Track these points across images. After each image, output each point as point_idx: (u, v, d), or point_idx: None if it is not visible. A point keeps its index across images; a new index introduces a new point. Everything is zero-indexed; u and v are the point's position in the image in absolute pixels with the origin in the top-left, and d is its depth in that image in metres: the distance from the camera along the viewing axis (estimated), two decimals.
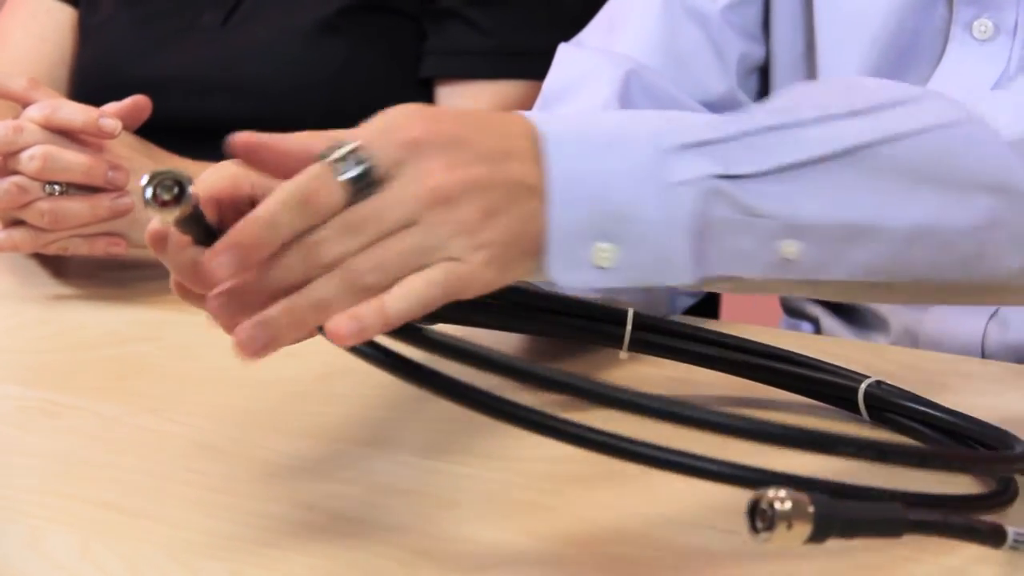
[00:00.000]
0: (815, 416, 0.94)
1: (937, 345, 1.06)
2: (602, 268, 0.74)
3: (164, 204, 0.71)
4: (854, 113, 0.78)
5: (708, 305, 1.42)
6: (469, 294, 0.72)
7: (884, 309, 1.09)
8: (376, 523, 0.79)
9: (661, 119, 0.76)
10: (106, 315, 1.12)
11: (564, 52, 1.16)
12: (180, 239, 0.76)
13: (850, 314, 1.13)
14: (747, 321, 1.14)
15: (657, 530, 0.78)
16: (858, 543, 0.67)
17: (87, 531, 0.78)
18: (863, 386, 0.91)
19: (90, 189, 1.13)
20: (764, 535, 0.63)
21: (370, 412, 0.93)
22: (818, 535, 0.64)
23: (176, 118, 1.40)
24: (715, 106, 1.13)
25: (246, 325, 0.71)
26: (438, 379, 0.72)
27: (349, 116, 1.39)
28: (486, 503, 0.81)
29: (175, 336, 1.07)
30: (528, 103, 1.19)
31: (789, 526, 0.63)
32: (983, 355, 1.05)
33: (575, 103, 1.11)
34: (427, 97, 1.41)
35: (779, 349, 0.96)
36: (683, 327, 0.97)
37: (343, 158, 0.70)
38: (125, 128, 1.16)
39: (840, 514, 0.65)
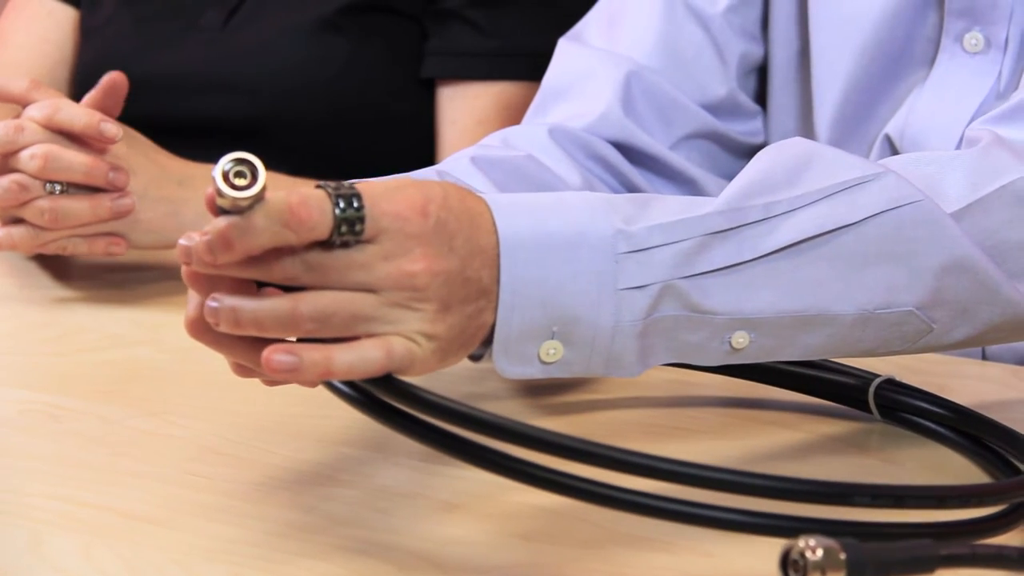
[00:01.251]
0: (822, 418, 0.94)
1: None
2: (547, 363, 0.77)
3: (236, 188, 0.72)
4: (805, 203, 0.80)
5: None
6: (410, 374, 0.74)
7: None
8: (375, 526, 0.79)
9: (617, 214, 0.77)
10: (106, 318, 1.12)
11: (564, 48, 1.16)
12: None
13: None
14: None
15: (655, 531, 0.79)
16: None
17: (89, 534, 0.78)
18: (873, 385, 0.92)
19: (90, 189, 1.13)
20: None
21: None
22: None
23: (178, 118, 1.41)
24: (715, 107, 1.13)
25: (207, 302, 0.74)
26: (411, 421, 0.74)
27: (350, 115, 1.41)
28: (485, 506, 0.81)
29: (175, 339, 1.06)
30: (528, 103, 1.19)
31: (823, 574, 0.64)
32: (984, 357, 1.05)
33: (576, 103, 1.11)
34: (428, 97, 1.42)
35: (794, 363, 0.95)
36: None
37: (345, 196, 0.72)
38: (109, 112, 1.16)
39: (872, 557, 0.65)
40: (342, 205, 0.72)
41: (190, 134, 1.37)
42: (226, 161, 0.72)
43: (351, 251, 0.73)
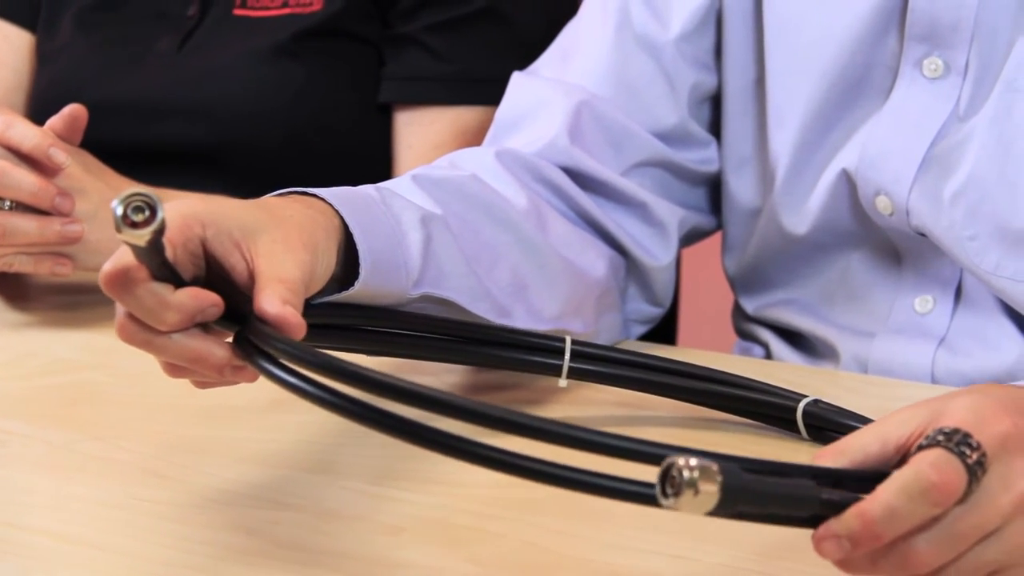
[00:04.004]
0: (755, 435, 0.94)
1: (887, 372, 1.06)
2: None
3: (135, 225, 0.71)
4: None
5: (664, 332, 1.43)
6: None
7: (832, 337, 1.10)
8: (321, 549, 0.79)
9: None
10: (57, 342, 1.11)
11: (517, 81, 1.16)
12: (144, 273, 0.76)
13: (799, 342, 1.14)
14: (702, 347, 1.14)
15: (603, 555, 0.78)
16: None
17: (29, 559, 0.77)
18: (801, 405, 0.93)
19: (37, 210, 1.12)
20: (671, 500, 0.63)
21: (317, 439, 0.93)
22: (725, 504, 0.64)
23: (134, 142, 1.40)
24: (667, 135, 1.13)
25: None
26: (375, 413, 0.71)
27: (307, 141, 1.41)
28: (430, 529, 0.81)
29: (125, 364, 1.06)
30: (486, 129, 1.19)
31: (696, 493, 0.63)
32: (933, 381, 1.05)
33: (527, 133, 1.11)
34: (385, 123, 1.42)
35: (718, 372, 0.97)
36: (621, 353, 0.98)
37: (959, 443, 0.68)
38: (69, 141, 1.15)
39: (749, 486, 0.65)
40: (967, 452, 0.68)
41: (146, 159, 1.36)
42: (124, 197, 0.71)
43: (976, 498, 0.68)
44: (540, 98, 1.12)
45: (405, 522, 0.82)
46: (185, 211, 0.82)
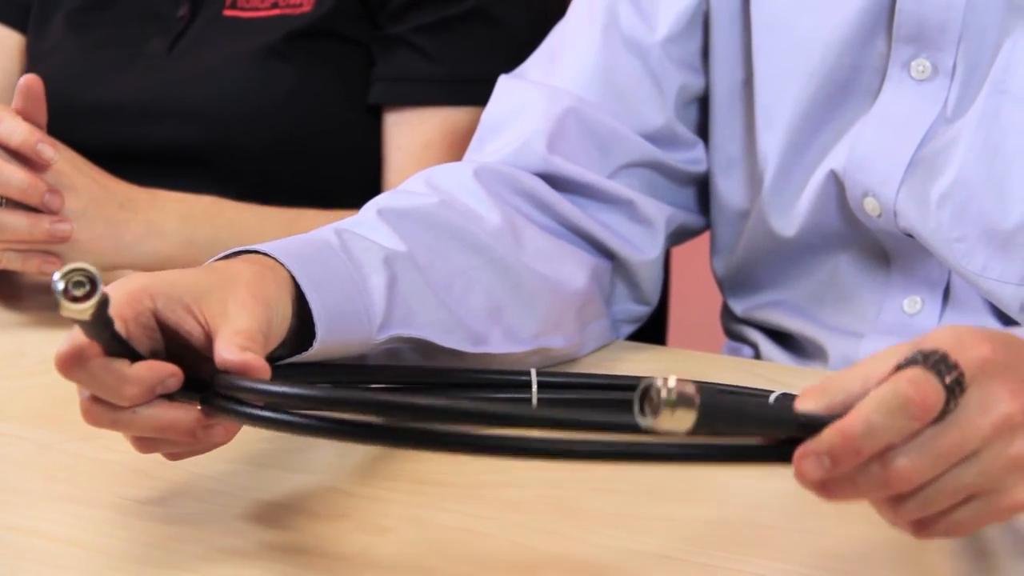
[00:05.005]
0: None
1: None
2: None
3: (75, 300, 0.71)
4: None
5: (653, 333, 1.43)
6: (1000, 521, 0.72)
7: (821, 338, 1.10)
8: (308, 549, 0.79)
9: None
10: (46, 342, 1.11)
11: (503, 84, 1.16)
12: (97, 351, 0.76)
13: (788, 343, 1.14)
14: (692, 348, 1.14)
15: (590, 555, 0.79)
16: None
17: (15, 559, 0.77)
18: (771, 400, 0.92)
19: (26, 207, 1.12)
20: (649, 419, 0.64)
21: (304, 439, 0.92)
22: (703, 423, 0.64)
23: (125, 144, 1.40)
24: (654, 136, 1.13)
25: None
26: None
27: (298, 142, 1.40)
28: (417, 529, 0.81)
29: None
30: (474, 128, 1.19)
31: (673, 411, 0.63)
32: None
33: (508, 136, 1.11)
34: (375, 124, 1.42)
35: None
36: (588, 378, 0.98)
37: (939, 361, 0.69)
38: (34, 117, 1.14)
39: (727, 404, 0.66)
40: (942, 370, 0.69)
41: (137, 161, 1.36)
42: (64, 272, 0.71)
43: (955, 418, 0.69)
44: (524, 102, 1.12)
45: (391, 522, 0.82)
46: (131, 286, 0.82)
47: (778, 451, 0.69)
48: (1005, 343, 0.72)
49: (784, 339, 1.14)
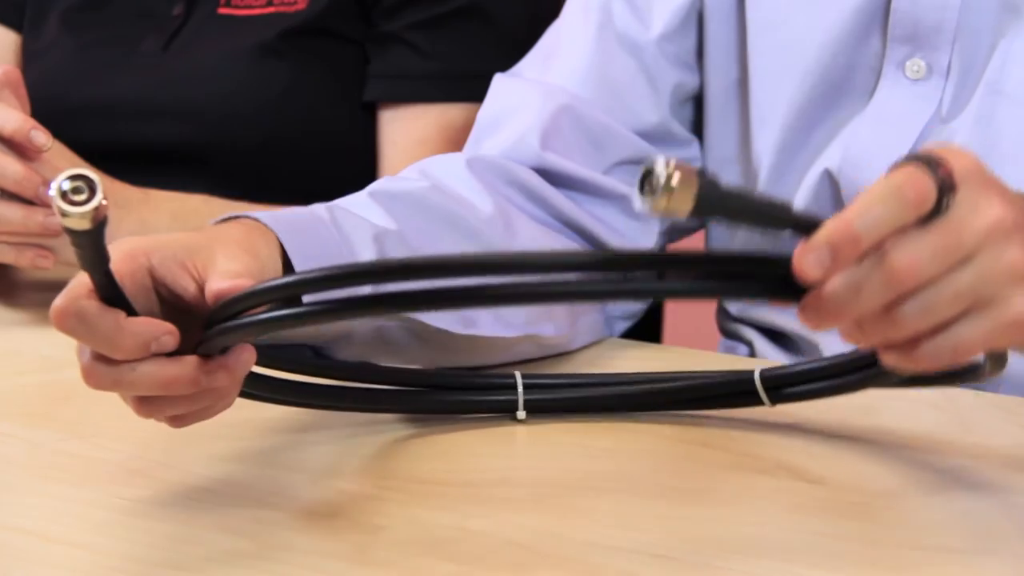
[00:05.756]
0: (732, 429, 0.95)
1: None
2: None
3: (74, 204, 0.71)
4: None
5: (649, 331, 1.43)
6: (1001, 341, 0.72)
7: (816, 336, 1.10)
8: (301, 548, 0.79)
9: None
10: (41, 340, 1.11)
11: (498, 83, 1.16)
12: (95, 301, 0.76)
13: (783, 341, 1.14)
14: (687, 346, 1.14)
15: (584, 553, 0.78)
16: None
17: (9, 559, 0.77)
18: (756, 373, 0.93)
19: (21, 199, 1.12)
20: (649, 201, 0.64)
21: (298, 438, 0.93)
22: (702, 206, 0.64)
23: (119, 142, 1.40)
24: (649, 134, 1.13)
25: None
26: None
27: (292, 140, 1.41)
28: (410, 528, 0.81)
29: None
30: (470, 125, 1.19)
31: (672, 193, 0.64)
32: None
33: (504, 133, 1.11)
34: (371, 122, 1.42)
35: (670, 372, 0.97)
36: (573, 378, 0.98)
37: (927, 162, 0.70)
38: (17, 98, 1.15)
39: (725, 189, 0.65)
40: (933, 167, 0.70)
41: (131, 159, 1.36)
42: (62, 177, 0.70)
43: (947, 218, 0.69)
44: (519, 99, 1.13)
45: (385, 521, 0.82)
46: (127, 246, 0.82)
47: (777, 286, 0.69)
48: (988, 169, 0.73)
49: (779, 337, 1.14)
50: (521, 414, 0.96)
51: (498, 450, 0.69)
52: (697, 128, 1.16)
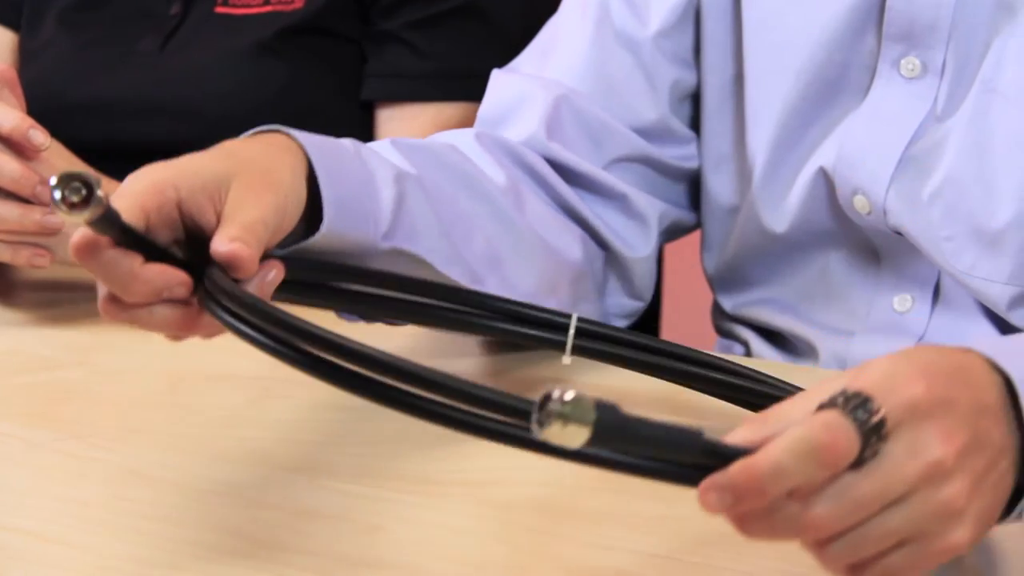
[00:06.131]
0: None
1: None
2: None
3: (73, 206, 0.71)
4: None
5: (646, 327, 1.43)
6: (934, 565, 0.69)
7: (812, 336, 1.10)
8: (299, 548, 0.79)
9: None
10: (37, 339, 1.11)
11: (497, 78, 1.16)
12: (112, 248, 0.77)
13: (778, 340, 1.14)
14: (684, 343, 1.14)
15: (580, 554, 0.79)
16: None
17: (7, 558, 0.77)
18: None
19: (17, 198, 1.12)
20: (543, 429, 0.61)
21: (296, 438, 0.93)
22: (598, 439, 0.61)
23: (116, 142, 1.40)
24: (646, 131, 1.13)
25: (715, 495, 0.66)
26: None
27: None
28: (407, 528, 0.81)
29: (105, 361, 1.06)
30: (467, 124, 1.18)
31: (565, 425, 0.61)
32: None
33: (510, 130, 1.11)
34: (368, 121, 1.42)
35: (718, 359, 0.95)
36: (626, 334, 0.96)
37: (857, 403, 0.66)
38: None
39: (627, 424, 0.62)
40: (861, 416, 0.65)
41: (129, 158, 1.35)
42: (58, 180, 0.71)
43: (878, 464, 0.66)
44: (520, 93, 1.12)
45: (382, 521, 0.82)
46: (156, 176, 0.82)
47: (691, 475, 0.66)
48: (947, 375, 0.69)
49: (775, 337, 1.14)
50: (567, 359, 0.95)
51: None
52: (696, 125, 1.16)
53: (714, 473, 0.65)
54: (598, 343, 0.95)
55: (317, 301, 0.91)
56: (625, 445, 0.64)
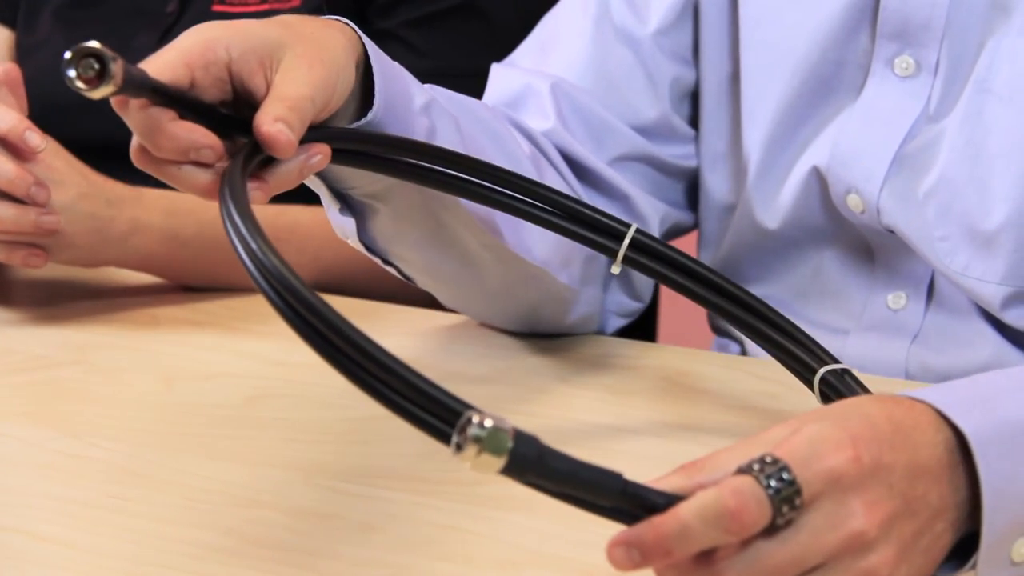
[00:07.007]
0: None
1: (861, 368, 1.05)
2: (1017, 563, 0.70)
3: (89, 82, 0.70)
4: None
5: (644, 326, 1.43)
6: None
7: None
8: (294, 547, 0.79)
9: None
10: (33, 338, 1.11)
11: (497, 72, 1.16)
12: (140, 101, 0.77)
13: None
14: (681, 343, 1.14)
15: (576, 552, 0.79)
16: None
17: (2, 557, 0.77)
18: (823, 369, 0.90)
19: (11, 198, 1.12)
20: (460, 452, 0.61)
21: (291, 437, 0.93)
22: (512, 470, 0.61)
23: (111, 139, 1.39)
24: (647, 130, 1.13)
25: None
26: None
27: None
28: (402, 527, 0.81)
29: (102, 360, 1.06)
30: None
31: (480, 452, 0.60)
32: (907, 378, 1.06)
33: (522, 119, 1.10)
34: None
35: (764, 306, 0.95)
36: (680, 256, 0.95)
37: (773, 473, 0.64)
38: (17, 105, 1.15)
39: (544, 459, 0.62)
40: (774, 484, 0.64)
41: (125, 157, 1.35)
42: (70, 57, 0.70)
43: (795, 533, 0.64)
44: (526, 86, 1.12)
45: (377, 520, 0.82)
46: (208, 34, 0.82)
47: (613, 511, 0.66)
48: (880, 440, 0.67)
49: None
50: (616, 268, 0.95)
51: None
52: (696, 124, 1.16)
53: (624, 529, 0.64)
54: (649, 259, 0.95)
55: (371, 166, 0.90)
56: (542, 480, 0.63)
